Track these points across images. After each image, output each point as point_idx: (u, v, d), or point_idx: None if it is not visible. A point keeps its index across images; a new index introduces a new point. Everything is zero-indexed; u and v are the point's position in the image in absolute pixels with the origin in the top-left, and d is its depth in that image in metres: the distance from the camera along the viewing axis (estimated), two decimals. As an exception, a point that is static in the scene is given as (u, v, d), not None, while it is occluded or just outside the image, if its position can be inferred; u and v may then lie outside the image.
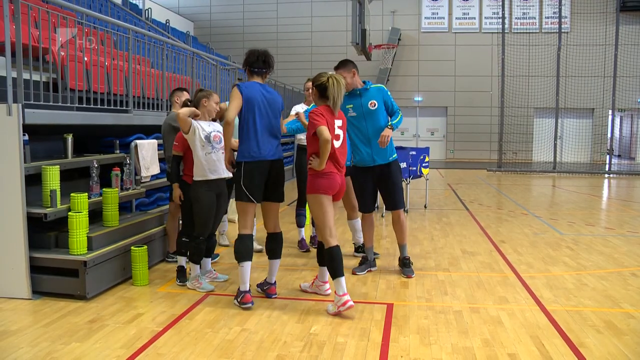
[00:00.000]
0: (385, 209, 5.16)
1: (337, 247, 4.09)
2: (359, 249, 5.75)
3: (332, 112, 4.16)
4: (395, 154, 5.02)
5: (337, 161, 4.17)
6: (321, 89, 4.13)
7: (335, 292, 4.05)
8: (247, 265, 4.15)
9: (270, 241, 4.41)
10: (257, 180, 4.16)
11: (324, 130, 3.99)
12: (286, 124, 4.94)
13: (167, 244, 5.54)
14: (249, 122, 4.18)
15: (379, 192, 5.13)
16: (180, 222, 5.20)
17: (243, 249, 4.16)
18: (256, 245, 5.81)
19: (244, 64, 4.36)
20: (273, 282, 4.42)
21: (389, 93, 4.94)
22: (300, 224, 6.09)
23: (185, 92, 5.52)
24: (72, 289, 4.25)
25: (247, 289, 4.14)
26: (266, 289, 4.41)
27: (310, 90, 4.55)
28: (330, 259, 4.08)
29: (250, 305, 4.09)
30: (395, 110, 4.93)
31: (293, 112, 5.66)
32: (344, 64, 4.83)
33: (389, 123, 4.82)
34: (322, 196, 4.11)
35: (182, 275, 4.75)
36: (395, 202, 5.01)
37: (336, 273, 4.03)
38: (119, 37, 7.40)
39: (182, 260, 4.78)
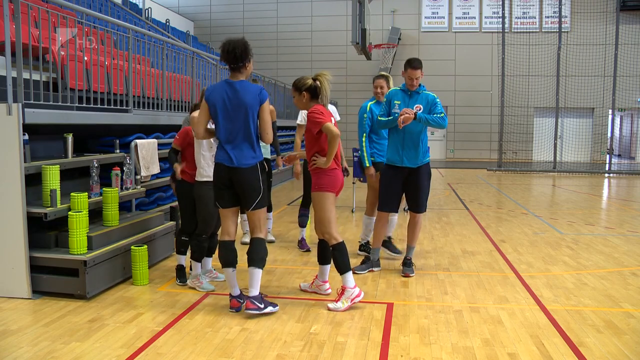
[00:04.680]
0: (407, 209, 5.22)
1: (344, 242, 4.22)
2: (364, 246, 5.76)
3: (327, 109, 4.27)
4: (428, 158, 5.05)
5: (337, 158, 4.28)
6: (312, 91, 4.20)
7: (345, 286, 4.14)
8: (228, 271, 4.01)
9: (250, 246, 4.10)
10: (217, 186, 3.98)
11: (332, 126, 4.10)
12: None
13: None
14: (217, 125, 3.95)
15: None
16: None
17: (221, 256, 4.04)
18: (270, 236, 6.14)
19: None
20: (250, 294, 3.93)
21: (437, 100, 4.92)
22: (302, 224, 6.08)
23: None
24: (72, 288, 4.25)
25: (234, 294, 4.04)
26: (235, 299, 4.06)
27: (296, 96, 4.27)
28: (340, 255, 4.16)
29: (234, 310, 3.99)
30: (438, 112, 4.84)
31: (299, 119, 5.70)
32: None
33: (418, 112, 4.78)
34: (329, 194, 4.20)
35: (181, 274, 4.74)
36: (417, 205, 5.05)
37: (347, 267, 4.15)
38: (119, 37, 7.41)
39: (181, 260, 4.78)
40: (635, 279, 4.99)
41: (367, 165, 5.41)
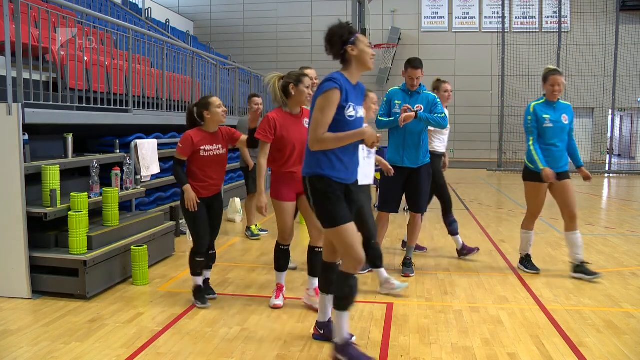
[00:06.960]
0: (407, 208, 5.23)
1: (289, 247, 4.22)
2: (578, 267, 5.04)
3: None
4: (428, 158, 5.03)
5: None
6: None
7: (281, 284, 4.25)
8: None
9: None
10: None
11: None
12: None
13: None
14: None
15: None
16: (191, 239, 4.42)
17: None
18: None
19: None
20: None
21: (438, 100, 4.93)
22: (454, 232, 5.75)
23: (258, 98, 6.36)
24: (72, 288, 4.25)
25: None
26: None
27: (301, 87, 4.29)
28: (283, 256, 4.18)
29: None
30: (438, 112, 4.83)
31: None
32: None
33: (419, 111, 4.75)
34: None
35: (201, 296, 4.17)
36: (417, 206, 5.05)
37: (285, 267, 4.24)
38: (119, 37, 7.41)
39: (198, 280, 4.20)
40: (635, 279, 4.98)
41: (542, 167, 4.90)
